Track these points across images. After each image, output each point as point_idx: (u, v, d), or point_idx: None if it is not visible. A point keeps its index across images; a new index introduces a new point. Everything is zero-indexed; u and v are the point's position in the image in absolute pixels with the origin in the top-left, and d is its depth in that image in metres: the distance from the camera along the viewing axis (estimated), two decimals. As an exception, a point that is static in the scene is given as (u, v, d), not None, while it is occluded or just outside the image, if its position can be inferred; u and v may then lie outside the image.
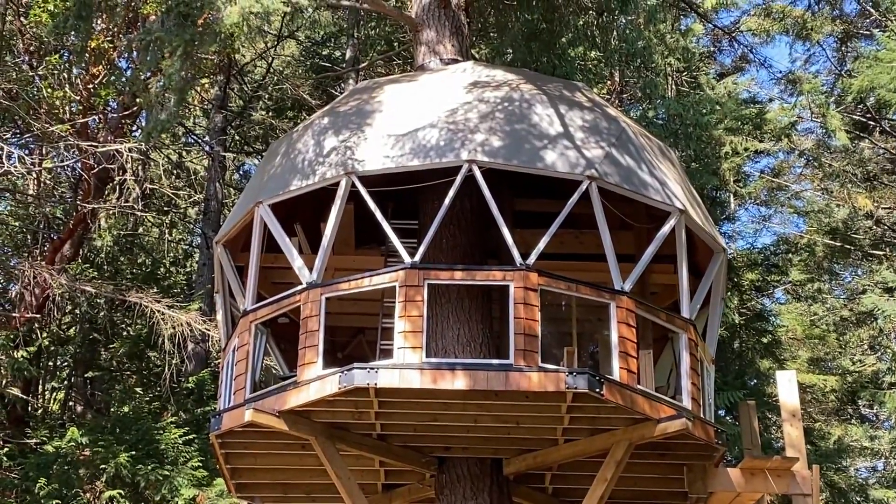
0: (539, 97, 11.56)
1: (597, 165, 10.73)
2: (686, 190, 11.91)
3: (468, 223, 12.08)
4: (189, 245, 30.06)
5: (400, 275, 10.28)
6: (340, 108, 11.94)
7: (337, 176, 10.78)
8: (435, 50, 13.40)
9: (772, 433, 26.71)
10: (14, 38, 19.47)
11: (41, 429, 20.02)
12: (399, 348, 10.02)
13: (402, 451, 11.27)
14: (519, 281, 10.18)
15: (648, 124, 20.85)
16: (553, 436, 10.94)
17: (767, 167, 32.17)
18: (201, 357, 22.03)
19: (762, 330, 27.95)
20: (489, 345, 11.38)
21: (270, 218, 11.10)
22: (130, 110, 20.82)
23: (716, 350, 12.56)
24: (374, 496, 12.05)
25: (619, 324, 10.37)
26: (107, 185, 21.96)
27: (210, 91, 25.42)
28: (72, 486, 17.55)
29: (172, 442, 18.44)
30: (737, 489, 11.37)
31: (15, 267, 20.50)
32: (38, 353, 21.02)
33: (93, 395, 24.07)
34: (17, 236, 23.62)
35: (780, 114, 26.59)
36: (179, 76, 11.43)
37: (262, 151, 25.55)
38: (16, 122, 20.12)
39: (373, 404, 10.28)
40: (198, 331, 19.16)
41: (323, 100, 24.72)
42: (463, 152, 10.60)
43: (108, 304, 22.71)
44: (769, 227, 33.25)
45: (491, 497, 11.18)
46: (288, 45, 28.26)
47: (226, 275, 12.09)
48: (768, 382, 25.95)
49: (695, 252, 12.25)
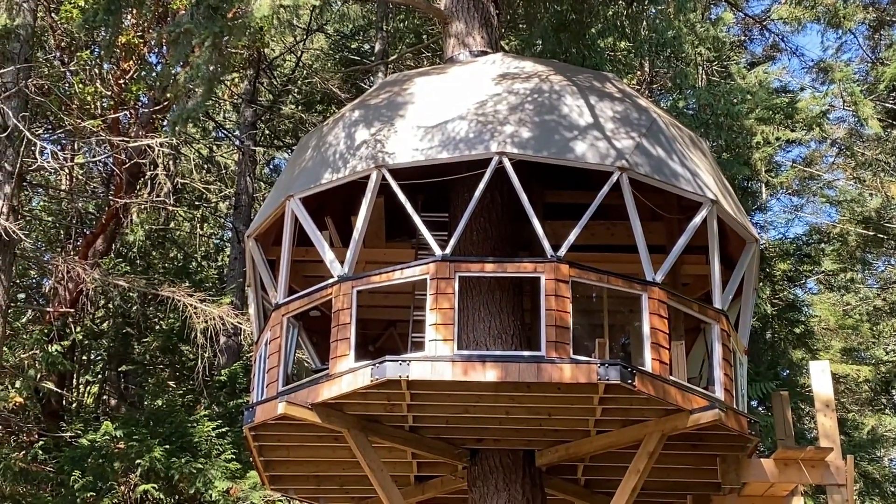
0: (569, 88, 11.53)
1: (627, 156, 10.69)
2: (718, 180, 11.85)
3: (498, 215, 12.07)
4: (220, 239, 30.21)
5: (431, 267, 10.28)
6: (371, 101, 11.95)
7: (367, 169, 10.79)
8: (464, 42, 13.38)
9: (805, 424, 26.57)
10: (45, 35, 19.59)
11: (76, 422, 20.17)
12: (430, 341, 10.03)
13: (434, 443, 11.29)
14: (550, 273, 10.16)
15: (679, 114, 20.76)
16: (585, 427, 10.93)
17: (799, 156, 31.95)
18: (233, 350, 22.16)
19: (795, 320, 27.78)
20: (520, 337, 11.37)
21: (301, 212, 11.13)
22: (161, 105, 20.91)
23: (748, 341, 12.50)
24: (407, 488, 12.09)
25: (650, 315, 10.34)
26: (138, 180, 22.08)
27: (240, 85, 25.51)
28: (106, 479, 17.68)
29: (206, 435, 18.54)
30: (770, 480, 11.33)
31: (49, 262, 20.66)
32: (72, 348, 21.19)
33: (126, 389, 24.24)
34: (50, 231, 23.81)
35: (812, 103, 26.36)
36: (207, 67, 11.48)
37: (292, 145, 25.63)
38: (48, 117, 20.26)
39: (405, 396, 10.30)
40: (230, 324, 19.25)
41: (352, 93, 24.75)
42: (493, 144, 10.59)
43: (141, 299, 22.87)
44: (801, 217, 33.02)
45: (523, 489, 11.18)
46: (317, 39, 28.30)
47: (257, 269, 12.14)
48: (801, 373, 25.81)
49: (727, 242, 12.19)
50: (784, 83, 30.06)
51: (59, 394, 20.96)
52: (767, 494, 11.73)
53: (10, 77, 17.41)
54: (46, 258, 21.75)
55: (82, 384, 24.79)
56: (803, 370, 25.23)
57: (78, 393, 24.37)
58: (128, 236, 24.31)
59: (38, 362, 18.89)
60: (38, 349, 18.88)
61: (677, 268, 12.17)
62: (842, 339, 31.45)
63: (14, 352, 19.06)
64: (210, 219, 29.32)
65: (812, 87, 29.40)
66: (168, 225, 26.46)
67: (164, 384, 22.23)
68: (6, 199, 16.95)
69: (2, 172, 17.17)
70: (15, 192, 17.36)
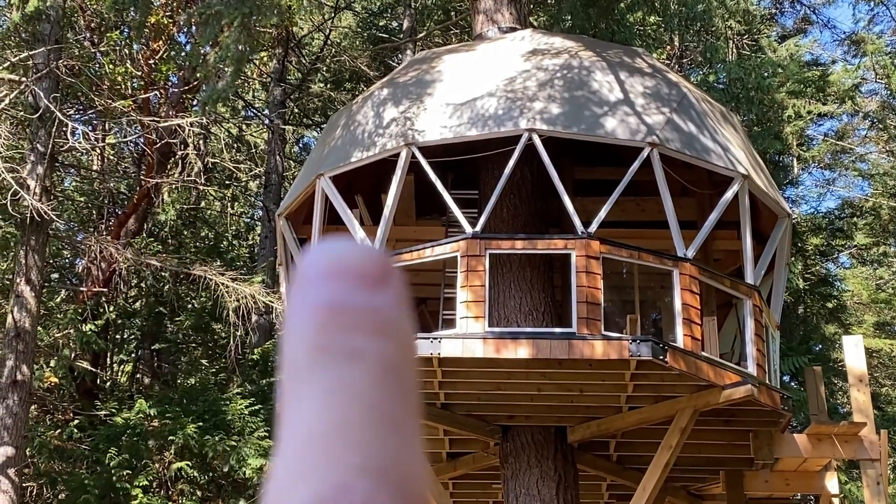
0: (599, 64, 11.49)
1: (658, 132, 10.65)
2: (749, 155, 11.79)
3: (528, 192, 12.06)
4: (251, 218, 30.33)
5: (461, 245, 10.29)
6: (400, 79, 11.95)
7: (397, 147, 10.80)
8: (493, 18, 13.34)
9: (838, 399, 26.48)
10: (75, 15, 19.67)
11: (110, 401, 20.35)
12: (462, 318, 10.06)
13: (466, 420, 11.33)
14: (581, 249, 10.16)
15: (709, 89, 20.63)
16: (617, 403, 10.94)
17: (831, 130, 31.75)
18: (265, 329, 22.27)
19: (827, 295, 27.66)
20: (551, 313, 11.37)
21: (332, 190, 11.16)
22: (191, 85, 20.98)
23: (780, 316, 12.46)
24: (439, 465, 12.14)
25: (682, 291, 10.32)
26: (169, 159, 22.19)
27: (268, 64, 25.54)
28: (141, 457, 17.85)
29: (239, 413, 18.67)
30: (804, 455, 11.30)
31: (81, 242, 20.81)
32: (105, 327, 21.35)
33: (160, 368, 24.42)
34: (82, 212, 23.96)
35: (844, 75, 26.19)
36: (237, 48, 11.51)
37: (321, 124, 25.65)
38: (79, 98, 20.37)
39: (436, 374, 10.33)
40: (261, 303, 19.34)
41: (380, 71, 24.74)
42: (522, 121, 10.57)
43: (173, 278, 22.99)
44: (833, 191, 32.82)
45: (555, 465, 11.21)
46: (345, 17, 28.29)
47: (289, 247, 12.19)
48: (834, 347, 25.72)
49: (758, 217, 12.13)
50: (815, 56, 29.87)
51: (94, 373, 21.14)
52: (800, 470, 11.72)
53: (41, 58, 17.51)
54: (79, 238, 21.89)
55: (116, 363, 24.99)
56: (836, 345, 25.14)
57: (112, 372, 24.57)
58: (159, 216, 24.46)
59: (72, 342, 19.07)
60: (72, 329, 19.05)
61: (708, 243, 12.13)
62: (875, 313, 31.29)
63: (48, 331, 19.24)
64: (240, 198, 29.44)
65: (844, 59, 29.19)
66: (199, 204, 26.59)
67: (196, 362, 22.39)
68: (39, 179, 17.07)
69: (34, 153, 17.29)
70: (47, 173, 17.49)
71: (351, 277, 0.57)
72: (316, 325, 0.56)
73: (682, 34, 24.36)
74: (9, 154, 17.53)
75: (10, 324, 16.69)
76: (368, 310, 0.56)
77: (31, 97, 17.37)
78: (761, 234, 12.19)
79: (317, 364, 0.55)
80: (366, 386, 0.54)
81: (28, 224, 16.73)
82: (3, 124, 17.80)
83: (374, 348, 0.55)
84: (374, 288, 0.57)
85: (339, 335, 0.55)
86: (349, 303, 0.56)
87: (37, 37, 17.79)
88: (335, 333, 0.55)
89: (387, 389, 0.55)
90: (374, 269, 0.58)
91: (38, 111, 17.06)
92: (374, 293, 0.57)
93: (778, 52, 26.43)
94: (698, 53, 25.16)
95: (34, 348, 17.12)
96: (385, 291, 0.58)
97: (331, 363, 0.55)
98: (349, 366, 0.55)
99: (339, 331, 0.55)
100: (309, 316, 0.56)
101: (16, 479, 16.08)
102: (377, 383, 0.55)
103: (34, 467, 18.81)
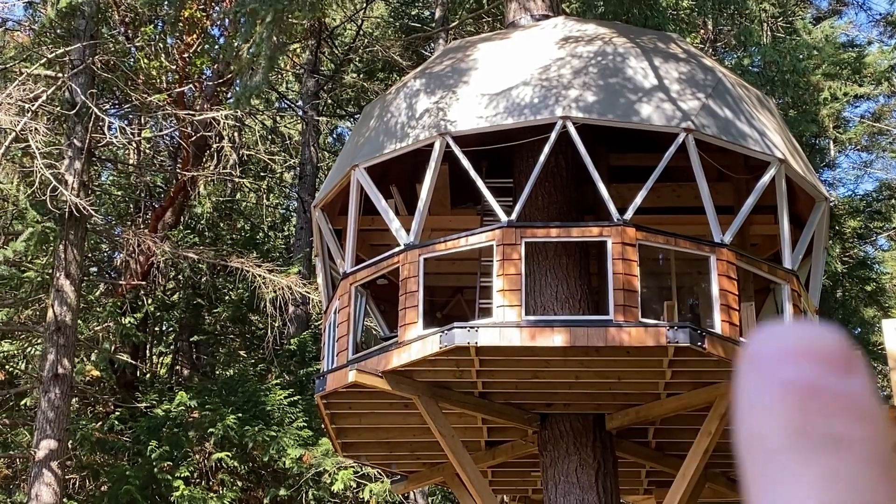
0: (633, 50, 11.44)
1: (693, 117, 10.60)
2: (786, 139, 11.72)
3: (563, 180, 12.04)
4: (286, 209, 30.44)
5: (497, 233, 10.30)
6: (434, 69, 11.95)
7: (431, 137, 10.81)
8: (525, 6, 13.31)
9: (877, 382, 26.29)
10: (110, 10, 19.81)
11: (150, 393, 20.52)
12: (498, 307, 10.07)
13: (504, 409, 11.34)
14: (616, 236, 10.14)
15: (744, 72, 20.50)
16: (655, 390, 10.91)
17: (868, 112, 31.45)
18: (302, 319, 22.37)
19: (866, 278, 27.46)
20: (588, 301, 11.36)
21: (367, 181, 11.18)
22: (225, 78, 21.08)
23: (819, 300, 12.39)
24: (478, 453, 12.16)
25: (719, 276, 10.28)
26: (204, 152, 22.31)
27: (301, 56, 25.60)
28: (182, 448, 18.00)
29: (277, 403, 18.77)
30: (844, 440, 11.23)
31: (119, 235, 20.98)
32: (144, 319, 21.53)
33: (198, 359, 24.59)
34: (120, 205, 24.15)
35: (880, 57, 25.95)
36: (270, 43, 11.55)
37: (355, 114, 25.69)
38: (114, 92, 20.51)
39: (474, 363, 10.35)
40: (298, 294, 19.44)
41: (413, 60, 24.74)
42: (557, 109, 10.55)
43: (210, 270, 23.14)
44: (871, 173, 32.57)
45: (594, 452, 11.20)
46: (377, 7, 28.30)
47: (324, 238, 12.23)
48: (873, 331, 25.52)
49: (795, 201, 12.06)
50: (851, 37, 29.58)
51: (134, 365, 21.33)
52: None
53: (77, 54, 17.65)
54: (117, 232, 22.08)
55: (155, 355, 25.19)
56: (875, 328, 24.95)
57: (151, 364, 24.77)
58: (196, 208, 24.60)
59: (112, 334, 19.25)
60: (111, 321, 19.23)
61: (745, 228, 12.06)
62: (914, 296, 31.01)
63: (88, 325, 19.43)
64: (275, 189, 29.55)
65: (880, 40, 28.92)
66: (234, 196, 26.72)
67: (234, 354, 22.53)
68: (77, 174, 17.22)
69: (72, 149, 17.45)
70: (85, 168, 17.64)
71: (820, 359, 0.55)
72: (792, 406, 0.54)
73: (715, 18, 24.19)
74: (47, 150, 17.69)
75: (50, 318, 16.87)
76: (845, 394, 0.54)
77: (67, 93, 17.52)
78: (798, 217, 12.11)
79: (799, 449, 0.53)
80: (853, 475, 0.53)
81: (67, 219, 16.89)
82: (40, 120, 17.95)
83: (857, 435, 0.54)
84: (846, 371, 0.55)
85: (820, 419, 0.54)
86: (825, 385, 0.54)
87: (72, 32, 17.95)
88: (815, 417, 0.54)
89: (873, 478, 0.53)
90: (841, 352, 0.56)
91: (74, 107, 17.21)
92: (847, 377, 0.55)
93: (813, 34, 26.20)
94: (732, 37, 24.98)
95: (75, 342, 17.30)
96: (856, 375, 0.56)
97: (814, 449, 0.53)
98: (836, 453, 0.53)
99: (818, 414, 0.54)
100: (780, 395, 0.54)
101: (58, 472, 16.27)
102: (864, 472, 0.53)
103: (76, 460, 19.03)
